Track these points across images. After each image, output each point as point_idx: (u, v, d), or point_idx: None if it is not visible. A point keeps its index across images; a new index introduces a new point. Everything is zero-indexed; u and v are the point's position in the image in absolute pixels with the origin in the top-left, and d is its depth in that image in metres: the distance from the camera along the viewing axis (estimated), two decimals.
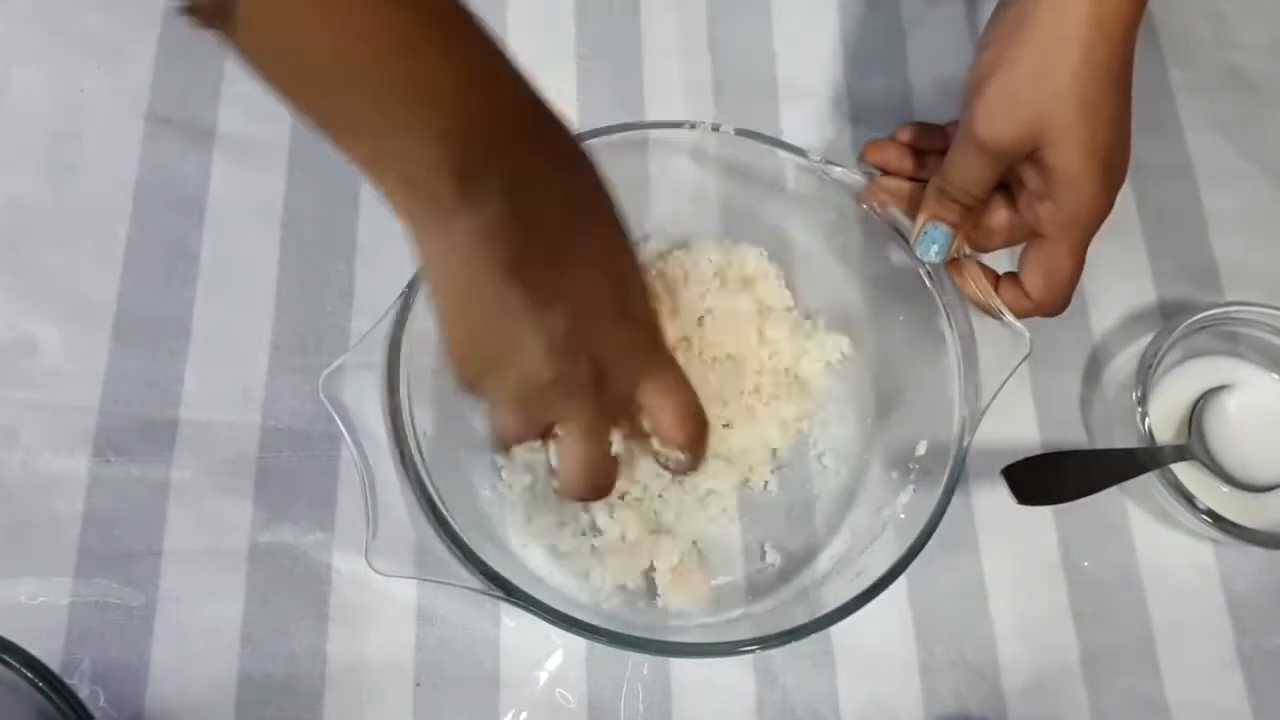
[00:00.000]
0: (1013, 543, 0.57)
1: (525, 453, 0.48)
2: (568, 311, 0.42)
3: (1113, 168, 0.50)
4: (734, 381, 0.56)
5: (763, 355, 0.57)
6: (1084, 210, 0.51)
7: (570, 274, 0.42)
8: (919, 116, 0.63)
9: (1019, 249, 0.55)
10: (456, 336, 0.43)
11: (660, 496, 0.55)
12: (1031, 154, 0.50)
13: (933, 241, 0.53)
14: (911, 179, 0.57)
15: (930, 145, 0.57)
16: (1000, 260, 0.57)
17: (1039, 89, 0.49)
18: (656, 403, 0.47)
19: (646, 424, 0.47)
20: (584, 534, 0.55)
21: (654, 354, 0.47)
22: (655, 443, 0.48)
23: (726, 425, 0.56)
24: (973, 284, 0.54)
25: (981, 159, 0.51)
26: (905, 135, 0.58)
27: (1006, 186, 0.54)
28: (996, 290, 0.54)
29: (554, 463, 0.47)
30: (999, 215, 0.54)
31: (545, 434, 0.47)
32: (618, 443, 0.47)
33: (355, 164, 0.39)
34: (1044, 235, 0.52)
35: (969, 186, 0.52)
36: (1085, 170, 0.50)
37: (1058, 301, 0.53)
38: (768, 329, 0.57)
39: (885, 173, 0.58)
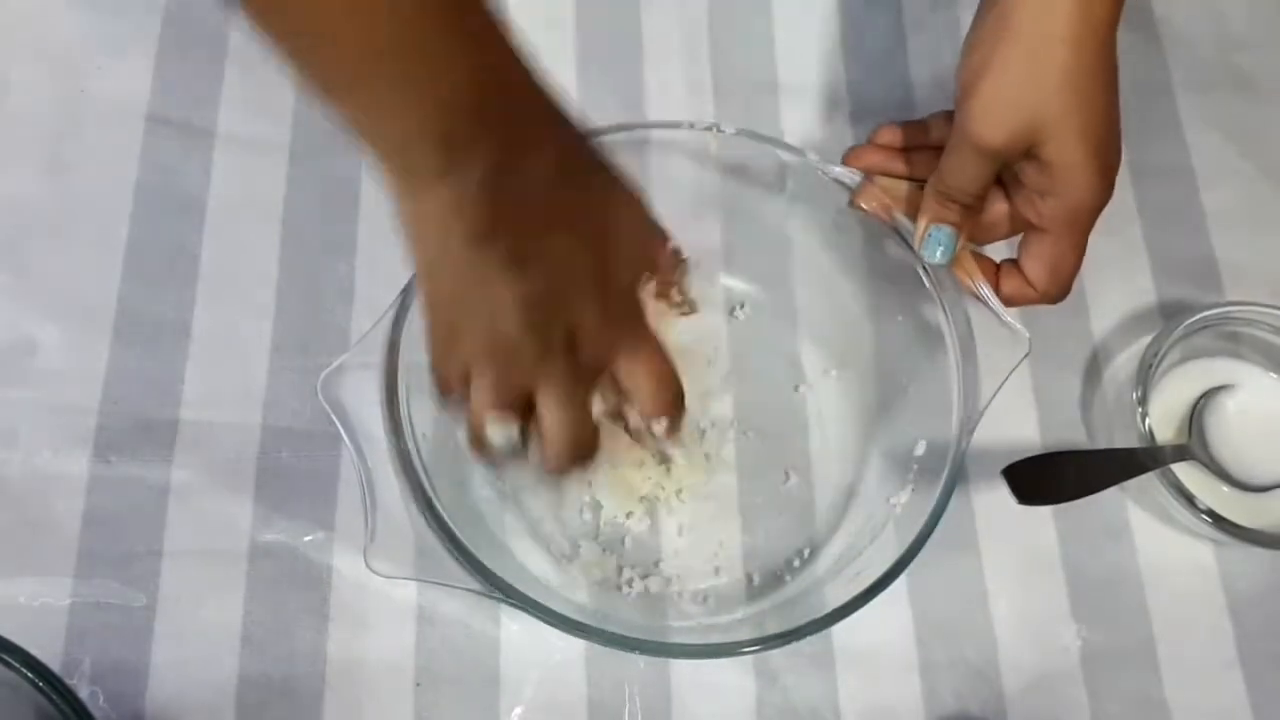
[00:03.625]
0: (1013, 542, 0.57)
1: (498, 434, 0.46)
2: (541, 275, 0.42)
3: (1109, 158, 0.51)
4: None
5: None
6: (1085, 203, 0.51)
7: (549, 241, 0.42)
8: (919, 116, 0.63)
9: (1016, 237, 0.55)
10: (430, 308, 0.44)
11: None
12: (1029, 151, 0.50)
13: (938, 244, 0.53)
14: (900, 177, 0.57)
15: (913, 141, 0.57)
16: (997, 250, 0.57)
17: (1033, 88, 0.49)
18: (633, 373, 0.47)
19: (624, 395, 0.47)
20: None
21: (631, 326, 0.47)
22: (633, 418, 0.48)
23: None
24: (969, 280, 0.54)
25: (979, 160, 0.51)
26: (885, 138, 0.57)
27: (999, 178, 0.54)
28: (997, 279, 0.54)
29: (532, 445, 0.47)
30: (997, 208, 0.54)
31: (522, 416, 0.46)
32: (597, 406, 0.47)
33: (344, 127, 0.39)
34: (1046, 230, 0.52)
35: (968, 186, 0.52)
36: (1084, 163, 0.50)
37: (1063, 290, 0.54)
38: None
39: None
